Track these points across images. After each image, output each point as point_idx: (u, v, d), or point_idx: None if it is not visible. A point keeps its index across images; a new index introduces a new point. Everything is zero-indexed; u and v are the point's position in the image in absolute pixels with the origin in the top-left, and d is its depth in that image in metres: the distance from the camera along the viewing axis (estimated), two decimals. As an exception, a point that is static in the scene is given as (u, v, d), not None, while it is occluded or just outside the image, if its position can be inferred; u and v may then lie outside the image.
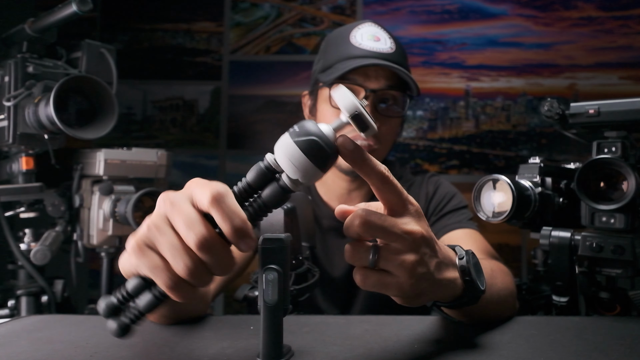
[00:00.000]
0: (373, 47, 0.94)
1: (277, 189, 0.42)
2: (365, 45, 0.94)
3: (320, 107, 0.98)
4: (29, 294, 1.13)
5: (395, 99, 0.95)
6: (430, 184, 1.03)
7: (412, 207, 0.46)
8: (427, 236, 0.46)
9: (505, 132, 2.19)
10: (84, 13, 1.00)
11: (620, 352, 0.51)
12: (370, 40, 0.95)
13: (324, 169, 0.42)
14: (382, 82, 0.92)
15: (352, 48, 0.94)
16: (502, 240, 2.11)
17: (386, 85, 0.93)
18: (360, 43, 0.94)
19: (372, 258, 0.44)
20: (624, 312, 0.74)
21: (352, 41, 0.95)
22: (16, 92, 1.07)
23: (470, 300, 0.52)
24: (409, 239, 0.44)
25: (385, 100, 0.95)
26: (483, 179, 0.74)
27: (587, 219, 0.72)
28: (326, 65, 0.98)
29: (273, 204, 0.42)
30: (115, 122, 1.10)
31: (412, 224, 0.45)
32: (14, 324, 0.65)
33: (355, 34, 0.96)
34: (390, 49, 0.95)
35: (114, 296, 0.43)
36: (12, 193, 1.09)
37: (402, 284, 0.44)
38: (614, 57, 2.15)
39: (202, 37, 2.28)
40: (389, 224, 0.43)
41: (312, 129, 0.41)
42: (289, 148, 0.41)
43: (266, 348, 0.46)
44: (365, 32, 0.96)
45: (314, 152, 0.41)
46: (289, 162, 0.41)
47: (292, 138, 0.41)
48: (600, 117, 0.69)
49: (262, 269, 0.46)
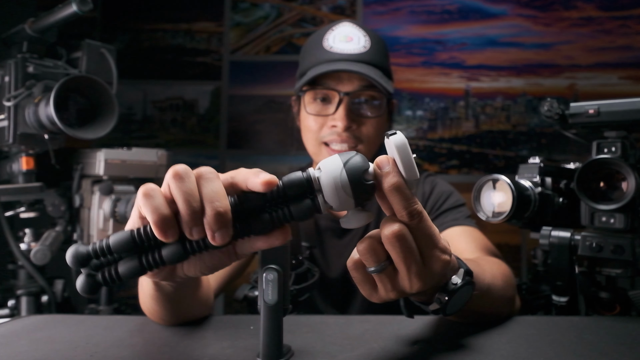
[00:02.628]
0: (344, 50, 0.93)
1: (309, 206, 0.41)
2: (336, 48, 0.94)
3: (302, 113, 0.99)
4: (29, 293, 1.13)
5: (373, 99, 0.95)
6: (427, 184, 1.04)
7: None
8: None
9: (505, 132, 2.19)
10: (84, 13, 1.00)
11: (620, 352, 0.52)
12: (342, 42, 0.94)
13: (358, 206, 0.42)
14: (356, 83, 0.92)
15: (323, 52, 0.94)
16: (502, 240, 2.11)
17: (360, 86, 0.92)
18: (332, 46, 0.94)
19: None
20: (623, 312, 0.74)
21: (324, 44, 0.95)
22: (16, 92, 1.07)
23: (433, 312, 0.51)
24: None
25: (361, 102, 0.95)
26: (483, 179, 0.74)
27: (587, 219, 0.72)
28: (302, 72, 0.99)
29: (299, 217, 0.41)
30: (115, 122, 1.10)
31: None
32: (14, 324, 0.65)
33: (328, 36, 0.96)
34: (364, 48, 0.94)
35: (91, 247, 0.40)
36: (12, 193, 1.09)
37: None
38: (613, 57, 2.15)
39: (202, 37, 2.28)
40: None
41: (365, 167, 0.41)
42: (339, 177, 0.40)
43: (266, 348, 0.46)
44: (337, 34, 0.96)
45: (361, 190, 0.40)
46: (333, 189, 0.40)
47: (346, 168, 0.40)
48: (600, 117, 0.69)
49: (262, 269, 0.46)
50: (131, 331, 0.61)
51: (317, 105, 0.95)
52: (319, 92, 0.94)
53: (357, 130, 0.94)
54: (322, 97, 0.95)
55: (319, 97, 0.95)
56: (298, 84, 0.97)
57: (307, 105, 0.96)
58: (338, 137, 0.93)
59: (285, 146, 2.22)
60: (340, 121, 0.91)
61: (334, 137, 0.93)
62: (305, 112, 0.96)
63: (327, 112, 0.94)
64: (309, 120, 0.96)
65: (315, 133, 0.95)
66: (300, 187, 0.41)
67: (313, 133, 0.96)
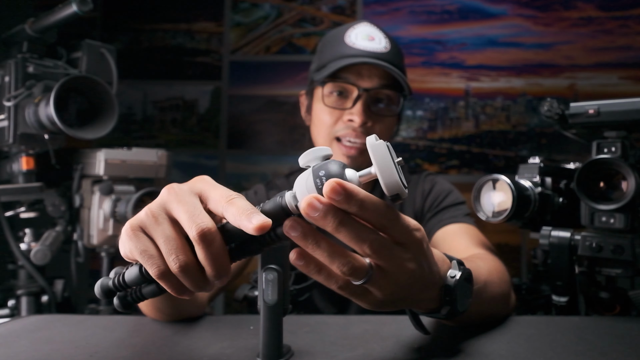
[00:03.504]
0: (367, 47, 0.94)
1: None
2: (359, 45, 0.95)
3: (315, 106, 0.99)
4: (29, 293, 1.13)
5: (389, 98, 0.96)
6: (427, 182, 1.04)
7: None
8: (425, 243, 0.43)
9: (505, 132, 2.19)
10: (84, 13, 1.00)
11: (620, 352, 0.52)
12: (364, 40, 0.95)
13: None
14: (376, 81, 0.93)
15: (345, 47, 0.95)
16: (502, 240, 2.11)
17: (379, 84, 0.93)
18: (354, 42, 0.95)
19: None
20: (623, 312, 0.74)
21: (347, 41, 0.96)
22: (16, 92, 1.07)
23: (446, 317, 0.49)
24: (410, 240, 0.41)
25: (378, 100, 0.96)
26: (483, 179, 0.74)
27: (587, 219, 0.72)
28: (320, 65, 0.99)
29: (285, 238, 0.40)
30: (115, 122, 1.10)
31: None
32: (14, 324, 0.65)
33: (350, 33, 0.97)
34: (385, 49, 0.95)
35: (111, 283, 0.44)
36: (12, 193, 1.09)
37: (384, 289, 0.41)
38: (613, 57, 2.15)
39: (202, 37, 2.28)
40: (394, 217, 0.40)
41: (337, 173, 0.38)
42: (309, 188, 0.38)
43: (266, 348, 0.46)
44: (360, 32, 0.97)
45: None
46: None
47: (314, 179, 0.38)
48: (600, 117, 0.69)
49: (262, 269, 0.46)
50: (131, 331, 0.61)
51: (334, 98, 0.96)
52: (338, 85, 0.95)
53: (371, 127, 0.94)
54: (339, 90, 0.95)
55: (336, 90, 0.95)
56: (318, 75, 0.97)
57: (325, 97, 0.96)
58: (353, 131, 0.93)
59: (285, 146, 2.22)
60: (357, 116, 0.92)
61: (349, 132, 0.94)
62: (321, 105, 0.96)
63: (345, 106, 0.94)
64: (323, 114, 0.96)
65: (329, 127, 0.96)
66: (281, 217, 0.39)
67: (327, 127, 0.96)
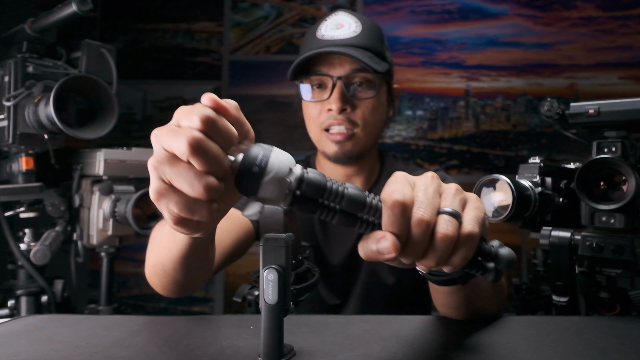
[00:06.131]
0: (334, 36, 0.97)
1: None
2: (327, 35, 0.97)
3: (303, 103, 1.03)
4: (29, 293, 1.13)
5: (367, 81, 0.97)
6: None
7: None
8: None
9: (505, 132, 2.19)
10: (84, 13, 1.00)
11: (620, 352, 0.51)
12: (333, 30, 0.98)
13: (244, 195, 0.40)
14: (347, 67, 0.95)
15: (315, 41, 0.98)
16: (502, 240, 2.09)
17: (352, 70, 0.95)
18: (323, 34, 0.98)
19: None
20: (623, 312, 0.74)
21: (317, 34, 0.99)
22: (16, 92, 1.07)
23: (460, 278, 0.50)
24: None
25: (354, 84, 0.97)
26: (483, 179, 0.74)
27: (587, 219, 0.72)
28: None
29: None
30: (115, 122, 1.10)
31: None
32: (14, 324, 0.65)
33: (321, 26, 1.00)
34: (354, 33, 0.97)
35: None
36: (12, 193, 1.09)
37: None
38: (614, 57, 2.15)
39: (202, 37, 2.28)
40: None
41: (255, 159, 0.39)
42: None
43: (267, 348, 0.46)
44: (330, 23, 0.99)
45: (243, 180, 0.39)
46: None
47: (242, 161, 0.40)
48: (600, 117, 0.69)
49: (262, 269, 0.46)
50: (131, 331, 0.61)
51: (315, 92, 0.99)
52: (314, 78, 0.98)
53: (351, 113, 0.97)
54: (318, 83, 0.98)
55: (315, 84, 0.98)
56: (289, 72, 1.00)
57: (305, 92, 1.00)
58: (335, 120, 0.96)
59: (285, 146, 2.21)
60: (334, 104, 0.95)
61: (332, 121, 0.97)
62: (305, 101, 1.00)
63: (323, 97, 0.97)
64: (308, 108, 1.00)
65: (316, 119, 0.99)
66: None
67: (314, 120, 0.99)
